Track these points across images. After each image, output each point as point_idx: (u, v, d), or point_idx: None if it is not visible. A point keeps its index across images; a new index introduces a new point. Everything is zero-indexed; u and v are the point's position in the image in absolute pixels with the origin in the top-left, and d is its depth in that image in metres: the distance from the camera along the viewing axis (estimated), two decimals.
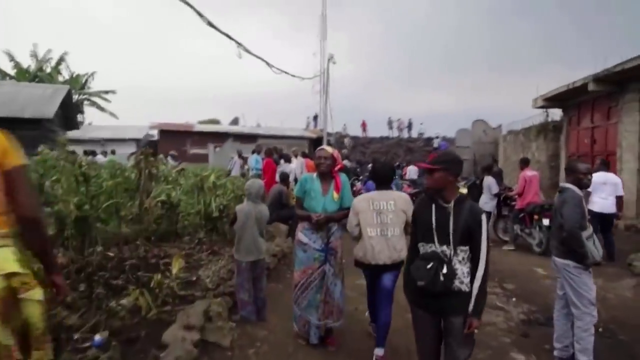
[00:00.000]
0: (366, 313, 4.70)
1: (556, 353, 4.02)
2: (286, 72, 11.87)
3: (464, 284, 2.70)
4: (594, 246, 3.70)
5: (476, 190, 10.48)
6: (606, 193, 7.54)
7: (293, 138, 25.37)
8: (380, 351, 3.93)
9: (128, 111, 65.62)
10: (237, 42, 6.96)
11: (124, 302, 4.28)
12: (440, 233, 2.75)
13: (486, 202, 9.54)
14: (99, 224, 5.70)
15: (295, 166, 12.13)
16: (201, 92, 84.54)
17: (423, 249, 2.83)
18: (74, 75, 29.97)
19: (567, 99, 14.04)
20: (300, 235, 4.18)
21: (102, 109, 31.26)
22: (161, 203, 6.71)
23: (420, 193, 13.64)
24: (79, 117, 27.03)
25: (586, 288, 3.73)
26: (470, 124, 25.78)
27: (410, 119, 33.88)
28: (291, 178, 10.59)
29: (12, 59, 26.49)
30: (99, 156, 15.84)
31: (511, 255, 8.51)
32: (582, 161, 4.33)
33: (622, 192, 7.71)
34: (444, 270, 2.66)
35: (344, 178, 4.31)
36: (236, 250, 4.74)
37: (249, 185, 4.89)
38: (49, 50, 28.15)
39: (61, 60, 28.65)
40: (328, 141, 21.12)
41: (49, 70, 28.25)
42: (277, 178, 10.26)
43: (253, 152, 14.10)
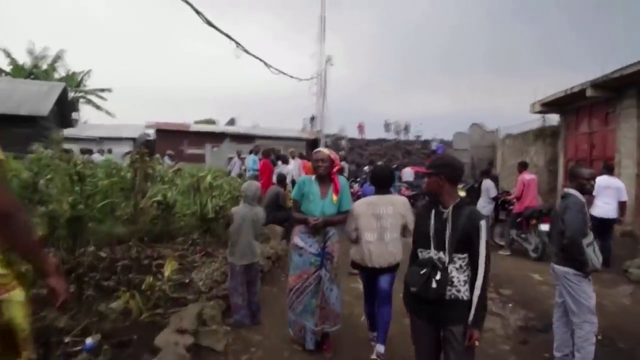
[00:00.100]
0: (362, 318, 4.65)
1: None
2: (284, 72, 11.81)
3: (462, 292, 2.62)
4: (594, 254, 3.65)
5: (474, 194, 10.45)
6: (609, 198, 7.49)
7: (290, 139, 25.24)
8: (381, 348, 3.96)
9: (125, 110, 65.23)
10: (236, 42, 6.90)
11: (114, 305, 4.20)
12: (437, 239, 2.67)
13: (484, 205, 9.51)
14: (93, 224, 5.62)
15: (292, 167, 12.06)
16: (198, 92, 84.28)
17: (421, 255, 2.77)
18: (70, 73, 29.80)
19: (565, 104, 14.00)
20: (297, 239, 4.11)
21: (98, 107, 31.12)
22: (157, 203, 6.63)
23: (418, 195, 13.62)
24: (75, 115, 26.81)
25: (585, 296, 3.68)
26: (468, 126, 25.75)
27: (407, 121, 33.93)
28: (288, 179, 10.52)
29: (9, 55, 26.34)
30: (96, 155, 15.74)
31: (507, 261, 8.47)
32: (586, 166, 4.27)
33: (625, 197, 7.65)
34: (437, 277, 2.58)
35: (343, 181, 4.25)
36: (230, 253, 4.68)
37: (245, 188, 4.83)
38: (46, 48, 28.01)
39: (57, 57, 28.48)
40: (325, 143, 21.07)
41: (45, 67, 28.08)
42: (274, 179, 10.20)
43: (250, 153, 14.04)
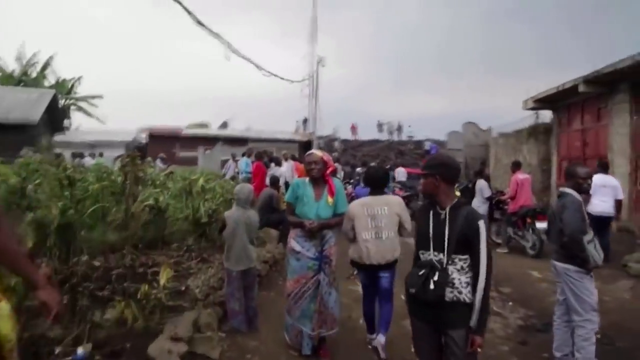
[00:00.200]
0: (360, 320, 4.59)
1: None
2: (276, 74, 11.77)
3: (464, 294, 2.53)
4: (595, 250, 3.60)
5: (468, 194, 10.43)
6: (606, 196, 7.48)
7: (283, 141, 25.14)
8: (382, 338, 4.02)
9: (117, 116, 65.11)
10: (226, 43, 6.82)
11: (108, 315, 4.09)
12: (436, 240, 2.61)
13: (478, 206, 9.47)
14: (84, 232, 5.51)
15: (285, 169, 11.99)
16: (192, 95, 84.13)
17: (422, 256, 2.71)
18: (60, 80, 29.54)
19: (557, 100, 14.02)
20: (293, 243, 4.02)
21: (89, 114, 30.90)
22: (149, 207, 6.51)
23: (412, 196, 13.57)
24: (66, 122, 26.62)
25: (588, 293, 3.63)
26: (461, 126, 25.74)
27: (400, 122, 33.97)
28: (281, 182, 10.44)
29: None
30: (87, 158, 15.62)
31: (505, 258, 8.43)
32: (582, 165, 4.22)
33: (621, 195, 7.67)
34: (435, 278, 2.51)
35: (338, 183, 4.18)
36: (226, 259, 4.60)
37: (238, 191, 4.75)
38: (35, 55, 27.75)
39: (47, 64, 28.23)
40: (318, 144, 20.99)
41: (34, 75, 27.81)
42: (267, 182, 10.11)
43: (243, 155, 13.95)
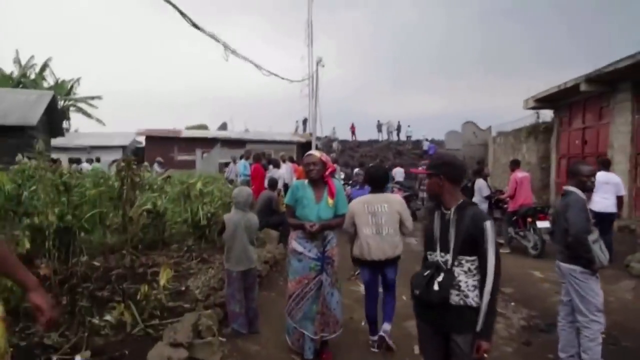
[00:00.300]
0: (362, 322, 4.54)
1: None
2: (275, 74, 11.71)
3: (470, 298, 2.44)
4: (601, 250, 3.55)
5: (468, 193, 10.37)
6: (607, 193, 7.40)
7: (282, 143, 25.14)
8: (387, 326, 4.18)
9: (116, 117, 65.02)
10: (223, 44, 6.77)
11: (108, 318, 4.05)
12: (442, 241, 2.55)
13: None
14: (82, 234, 5.47)
15: (284, 171, 11.93)
16: (190, 96, 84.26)
17: (430, 258, 2.65)
18: (59, 81, 29.52)
19: (559, 99, 13.99)
20: (295, 244, 3.96)
21: (88, 115, 30.87)
22: (147, 212, 6.46)
23: (411, 196, 13.52)
24: (65, 123, 26.60)
25: (593, 294, 3.58)
26: (461, 126, 25.71)
27: (399, 122, 33.91)
28: (280, 184, 10.38)
29: None
30: (84, 164, 15.52)
31: (507, 258, 8.36)
32: (586, 163, 4.17)
33: (623, 191, 7.59)
34: (439, 279, 2.45)
35: (338, 184, 4.13)
36: (226, 260, 4.57)
37: (236, 194, 4.70)
38: (33, 56, 27.73)
39: (45, 66, 28.20)
40: (317, 145, 20.91)
41: (33, 76, 27.78)
42: (265, 184, 10.04)
43: (241, 158, 13.90)
